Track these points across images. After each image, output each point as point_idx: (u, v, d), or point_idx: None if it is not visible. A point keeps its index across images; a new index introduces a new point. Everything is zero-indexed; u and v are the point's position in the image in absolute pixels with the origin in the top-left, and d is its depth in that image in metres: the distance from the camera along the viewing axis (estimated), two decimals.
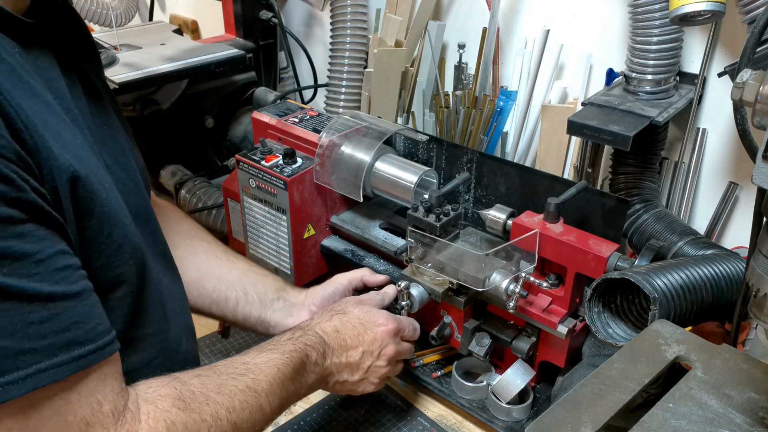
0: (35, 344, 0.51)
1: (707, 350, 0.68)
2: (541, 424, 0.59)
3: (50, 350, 0.52)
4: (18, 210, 0.51)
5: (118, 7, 1.73)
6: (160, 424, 0.61)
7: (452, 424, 1.03)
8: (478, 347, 1.01)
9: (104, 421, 0.57)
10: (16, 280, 0.50)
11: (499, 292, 0.93)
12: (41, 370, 0.51)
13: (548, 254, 0.94)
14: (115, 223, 0.65)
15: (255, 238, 1.26)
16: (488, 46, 1.30)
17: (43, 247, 0.53)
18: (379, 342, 0.90)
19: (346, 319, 0.90)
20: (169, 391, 0.64)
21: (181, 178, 1.48)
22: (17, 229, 0.51)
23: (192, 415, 0.63)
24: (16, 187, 0.51)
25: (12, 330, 0.50)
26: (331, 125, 1.18)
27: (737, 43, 1.07)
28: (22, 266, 0.51)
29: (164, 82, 1.38)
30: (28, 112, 0.55)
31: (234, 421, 0.67)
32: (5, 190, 0.50)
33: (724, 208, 1.15)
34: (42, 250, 0.53)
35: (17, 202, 0.51)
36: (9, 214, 0.50)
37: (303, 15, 1.74)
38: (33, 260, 0.52)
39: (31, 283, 0.51)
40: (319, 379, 0.84)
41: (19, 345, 0.50)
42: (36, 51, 0.63)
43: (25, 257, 0.51)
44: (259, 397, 0.71)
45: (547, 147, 1.27)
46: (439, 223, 1.01)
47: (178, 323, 0.79)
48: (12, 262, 0.50)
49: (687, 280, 0.83)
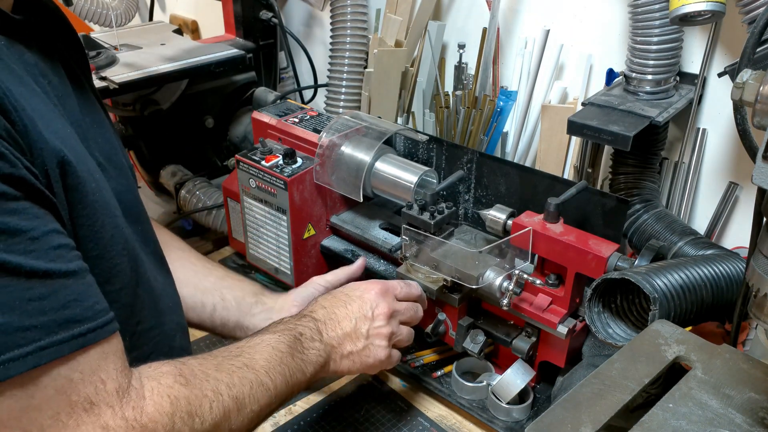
0: (35, 321, 0.50)
1: (707, 350, 0.68)
2: (541, 424, 0.59)
3: (50, 327, 0.51)
4: (11, 187, 0.51)
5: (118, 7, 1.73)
6: (164, 399, 0.61)
7: (452, 424, 1.03)
8: (472, 344, 1.02)
9: (108, 399, 0.57)
10: (13, 256, 0.50)
11: (493, 289, 0.93)
12: (41, 348, 0.51)
13: (548, 254, 0.94)
14: (106, 214, 0.64)
15: (255, 239, 1.26)
16: (488, 46, 1.30)
17: (38, 224, 0.52)
18: (368, 304, 0.88)
19: (330, 296, 0.89)
20: (171, 369, 0.65)
21: (181, 178, 1.48)
22: (11, 205, 0.51)
23: (194, 390, 0.64)
24: (9, 163, 0.51)
25: (11, 306, 0.49)
26: (331, 125, 1.19)
27: (737, 43, 1.07)
28: (18, 243, 0.50)
29: (164, 82, 1.38)
30: (17, 96, 0.54)
31: (235, 395, 0.68)
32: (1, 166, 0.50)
33: (724, 208, 1.15)
34: (37, 227, 0.52)
35: (10, 179, 0.51)
36: (3, 190, 0.50)
37: (303, 15, 1.74)
38: (28, 237, 0.51)
39: (28, 260, 0.51)
40: (323, 355, 0.82)
41: (19, 321, 0.50)
42: (22, 47, 0.63)
43: (21, 233, 0.51)
44: (258, 372, 0.71)
45: (547, 147, 1.27)
46: (434, 220, 1.01)
47: (171, 320, 0.80)
48: (8, 237, 0.50)
49: (687, 280, 0.83)
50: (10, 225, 0.50)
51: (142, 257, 0.73)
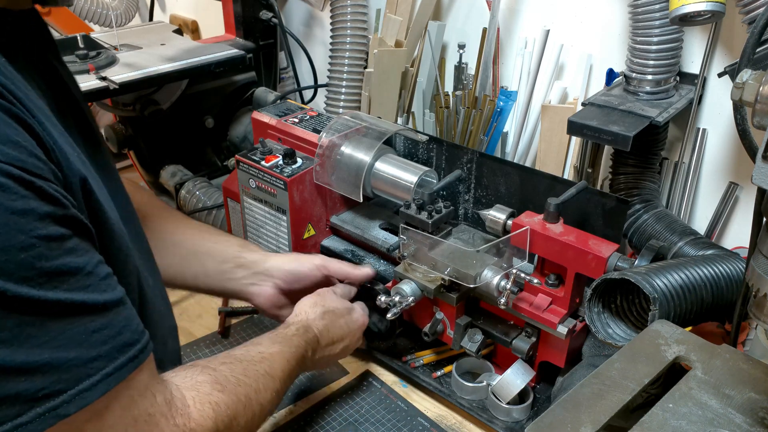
0: (99, 351, 0.55)
1: (707, 350, 0.68)
2: (541, 424, 0.59)
3: (111, 355, 0.56)
4: (65, 227, 0.54)
5: (118, 7, 1.73)
6: (206, 406, 0.67)
7: (452, 424, 1.03)
8: (470, 343, 1.02)
9: (161, 410, 0.62)
10: (76, 294, 0.53)
11: (491, 288, 0.93)
12: (108, 375, 0.55)
13: (548, 254, 0.94)
14: (116, 231, 0.66)
15: (255, 239, 1.26)
16: (488, 46, 1.30)
17: (89, 259, 0.56)
18: (357, 337, 1.01)
19: (334, 318, 0.98)
20: (206, 378, 0.70)
21: (181, 178, 1.48)
22: (68, 245, 0.54)
23: (230, 396, 0.70)
24: (61, 205, 0.54)
25: (79, 341, 0.54)
26: (331, 125, 1.18)
27: (737, 43, 1.07)
28: (78, 280, 0.54)
29: (164, 82, 1.38)
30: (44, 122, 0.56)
31: (261, 402, 0.75)
32: (53, 210, 0.53)
33: (724, 208, 1.15)
34: (89, 262, 0.56)
35: (64, 220, 0.54)
36: (61, 233, 0.53)
37: (303, 15, 1.74)
38: (84, 273, 0.55)
39: (88, 295, 0.55)
40: (305, 370, 0.92)
41: (87, 353, 0.54)
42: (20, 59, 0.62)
43: (79, 271, 0.54)
44: (276, 381, 0.79)
45: (547, 147, 1.27)
46: (431, 220, 1.01)
47: (163, 325, 0.80)
48: (69, 277, 0.53)
49: (687, 281, 0.83)
50: (71, 265, 0.54)
51: (140, 265, 0.73)
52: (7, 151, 0.50)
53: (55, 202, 0.53)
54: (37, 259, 0.51)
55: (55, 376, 0.52)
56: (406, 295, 0.99)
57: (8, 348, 0.49)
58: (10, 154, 0.50)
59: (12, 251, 0.49)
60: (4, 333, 0.49)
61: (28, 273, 0.50)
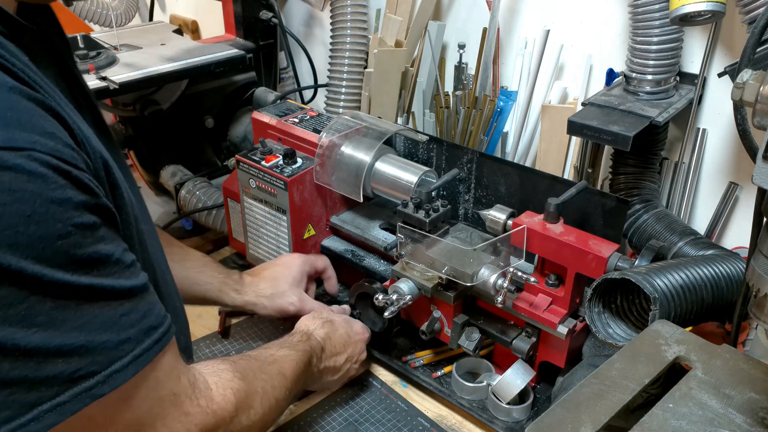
0: (128, 334, 0.58)
1: (707, 350, 0.68)
2: (541, 425, 0.59)
3: (138, 337, 0.58)
4: (96, 215, 0.56)
5: (118, 7, 1.73)
6: (228, 391, 0.71)
7: (452, 425, 1.03)
8: (467, 342, 1.02)
9: (185, 391, 0.66)
10: (106, 280, 0.56)
11: (488, 287, 0.94)
12: (137, 356, 0.58)
13: (548, 254, 0.94)
14: (135, 216, 0.68)
15: (255, 239, 1.26)
16: (488, 46, 1.30)
17: (116, 246, 0.58)
18: (359, 349, 1.04)
19: (333, 328, 1.02)
20: (227, 366, 0.75)
21: (181, 178, 1.48)
22: (99, 233, 0.56)
23: (249, 386, 0.75)
24: (94, 194, 0.56)
25: (110, 324, 0.56)
26: (331, 125, 1.18)
27: (737, 43, 1.07)
28: (107, 267, 0.56)
29: (164, 82, 1.38)
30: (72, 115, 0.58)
31: (276, 396, 0.80)
32: (87, 199, 0.55)
33: (724, 208, 1.15)
34: (116, 250, 0.58)
35: (95, 208, 0.56)
36: (93, 221, 0.55)
37: (303, 15, 1.74)
38: (113, 260, 0.57)
39: (116, 281, 0.57)
40: (311, 379, 0.95)
41: (117, 336, 0.57)
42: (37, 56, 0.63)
43: (108, 258, 0.56)
44: (288, 381, 0.84)
45: (547, 147, 1.27)
46: (429, 219, 1.01)
47: (179, 320, 0.81)
48: (100, 264, 0.56)
49: (687, 281, 0.83)
50: (102, 252, 0.56)
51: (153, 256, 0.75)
52: (45, 142, 0.52)
53: (89, 191, 0.55)
54: (72, 246, 0.53)
55: (90, 358, 0.54)
56: (404, 294, 0.99)
57: (46, 331, 0.52)
58: (48, 145, 0.52)
59: (50, 239, 0.51)
60: (41, 317, 0.52)
61: (65, 260, 0.52)
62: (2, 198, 0.49)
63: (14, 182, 0.50)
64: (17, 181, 0.50)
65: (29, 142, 0.51)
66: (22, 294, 0.50)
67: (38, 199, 0.51)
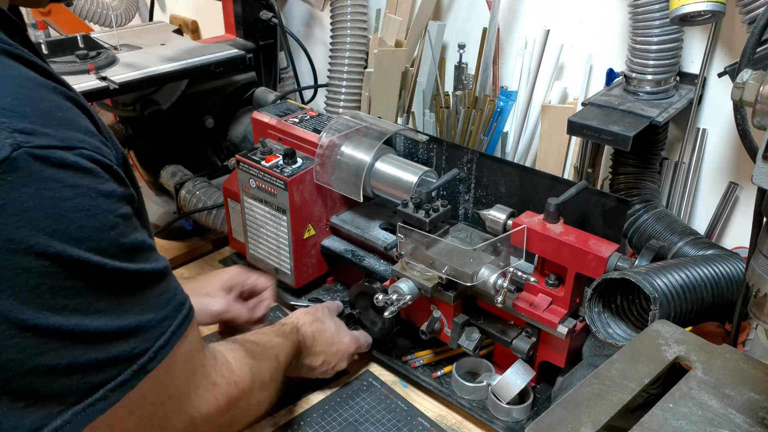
0: (166, 311, 0.62)
1: (707, 350, 0.68)
2: (542, 425, 0.59)
3: (173, 314, 0.63)
4: (129, 206, 0.60)
5: (118, 7, 1.73)
6: (244, 365, 0.78)
7: (452, 424, 1.03)
8: (467, 342, 1.02)
9: (211, 362, 0.72)
10: (145, 264, 0.60)
11: (488, 286, 0.93)
12: (174, 331, 0.63)
13: (548, 254, 0.94)
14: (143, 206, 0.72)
15: (255, 239, 1.26)
16: (488, 46, 1.30)
17: (143, 233, 0.61)
18: (338, 357, 1.04)
19: (322, 328, 1.03)
20: (239, 346, 0.81)
21: (181, 178, 1.48)
22: (134, 222, 0.60)
23: (259, 364, 0.81)
24: (125, 185, 0.60)
25: (152, 304, 0.61)
26: (331, 125, 1.18)
27: (737, 43, 1.07)
28: (143, 252, 0.60)
29: (164, 82, 1.38)
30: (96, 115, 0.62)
31: (276, 379, 0.86)
32: (124, 190, 0.59)
33: (724, 208, 1.15)
34: (145, 237, 0.62)
35: (129, 199, 0.60)
36: (130, 211, 0.60)
37: (303, 15, 1.74)
38: (146, 246, 0.61)
39: (151, 264, 0.61)
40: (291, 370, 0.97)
41: (158, 314, 0.61)
42: None
43: (142, 245, 0.60)
44: (281, 366, 0.88)
45: (547, 147, 1.27)
46: (429, 218, 1.01)
47: None
48: (139, 251, 0.60)
49: (687, 281, 0.83)
50: (138, 239, 0.60)
51: None
52: (90, 141, 0.57)
53: (124, 184, 0.60)
54: (121, 236, 0.57)
55: (142, 336, 0.59)
56: (404, 294, 0.99)
57: (108, 316, 0.56)
58: (93, 143, 0.57)
59: (105, 230, 0.56)
60: (102, 302, 0.56)
61: (116, 249, 0.57)
62: (65, 194, 0.53)
63: (73, 178, 0.54)
64: (75, 177, 0.54)
65: (79, 140, 0.55)
66: (87, 283, 0.54)
67: (93, 192, 0.55)
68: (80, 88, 1.20)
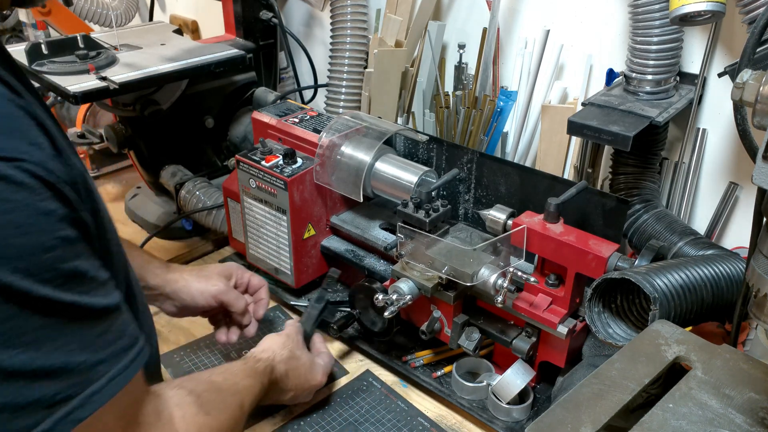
0: (103, 354, 0.55)
1: (707, 350, 0.68)
2: (541, 425, 0.59)
3: (112, 359, 0.56)
4: (75, 229, 0.54)
5: (118, 7, 1.73)
6: (192, 427, 0.69)
7: (452, 424, 1.03)
8: (467, 341, 1.02)
9: (150, 420, 0.63)
10: (84, 298, 0.54)
11: (488, 286, 0.94)
12: (111, 378, 0.56)
13: (548, 254, 0.94)
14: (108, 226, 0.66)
15: (255, 239, 1.26)
16: (488, 46, 1.30)
17: (92, 263, 0.56)
18: (307, 392, 1.01)
19: (297, 365, 0.99)
20: (193, 399, 0.72)
21: (181, 178, 1.48)
22: (77, 248, 0.54)
23: (213, 421, 0.73)
24: (74, 208, 0.54)
25: (87, 344, 0.54)
26: (331, 125, 1.19)
27: (737, 43, 1.07)
28: (84, 284, 0.54)
29: (164, 82, 1.38)
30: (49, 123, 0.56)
31: (232, 428, 0.78)
32: (69, 212, 0.53)
33: (724, 208, 1.15)
34: (92, 266, 0.56)
35: (75, 222, 0.54)
36: (74, 235, 0.54)
37: (303, 15, 1.74)
38: (89, 277, 0.55)
39: (93, 299, 0.55)
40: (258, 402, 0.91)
41: (93, 357, 0.54)
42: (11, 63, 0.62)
43: (85, 275, 0.54)
44: (244, 415, 0.82)
45: (547, 147, 1.27)
46: (429, 219, 1.01)
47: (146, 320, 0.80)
48: (79, 281, 0.54)
49: (687, 281, 0.83)
50: (80, 268, 0.54)
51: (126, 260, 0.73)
52: (33, 152, 0.51)
53: (70, 205, 0.54)
54: (57, 260, 0.51)
55: (68, 380, 0.52)
56: (404, 294, 0.99)
57: (28, 352, 0.50)
58: (36, 156, 0.51)
59: (38, 252, 0.50)
60: (26, 336, 0.50)
61: (50, 274, 0.51)
62: None
63: (5, 192, 0.48)
64: (7, 192, 0.48)
65: (20, 152, 0.50)
66: (10, 310, 0.48)
67: (27, 210, 0.49)
68: (80, 88, 1.20)
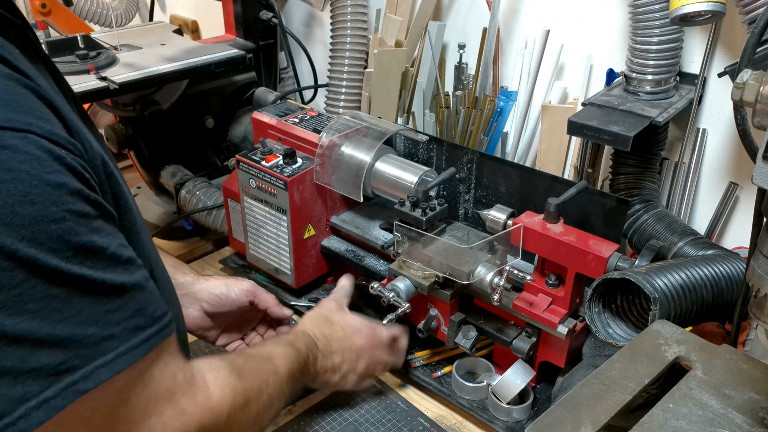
0: (113, 331, 0.56)
1: (707, 350, 0.68)
2: (541, 425, 0.59)
3: (123, 336, 0.57)
4: (91, 206, 0.55)
5: (118, 7, 1.73)
6: (226, 388, 0.71)
7: (452, 424, 1.03)
8: (464, 340, 1.02)
9: (183, 388, 0.65)
10: (98, 273, 0.55)
11: (484, 285, 0.94)
12: (120, 354, 0.56)
13: (548, 254, 0.94)
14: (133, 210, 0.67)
15: (255, 239, 1.26)
16: (488, 46, 1.30)
17: (111, 241, 0.57)
18: (356, 353, 0.99)
19: (331, 325, 0.98)
20: (225, 364, 0.74)
21: (181, 178, 1.48)
22: (93, 224, 0.55)
23: (246, 384, 0.74)
24: (89, 185, 0.56)
25: (96, 319, 0.55)
26: (332, 125, 1.19)
27: (737, 43, 1.07)
28: (100, 260, 0.55)
29: (164, 82, 1.38)
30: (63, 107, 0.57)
31: (270, 394, 0.79)
32: (82, 187, 0.54)
33: (724, 208, 1.15)
34: (111, 244, 0.57)
35: (90, 199, 0.55)
36: (88, 211, 0.55)
37: (303, 15, 1.74)
38: (107, 254, 0.56)
39: (108, 275, 0.56)
40: (310, 379, 0.93)
41: (102, 332, 0.55)
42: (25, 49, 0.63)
43: (102, 251, 0.55)
44: (281, 379, 0.82)
45: (547, 147, 1.27)
46: (425, 217, 1.02)
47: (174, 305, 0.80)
48: (93, 256, 0.54)
49: (687, 281, 0.83)
50: (96, 243, 0.55)
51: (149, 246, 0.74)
52: (41, 125, 0.52)
53: (84, 181, 0.55)
54: (66, 232, 0.52)
55: (74, 351, 0.53)
56: (401, 292, 0.99)
57: (34, 320, 0.51)
58: (45, 128, 0.52)
59: (44, 222, 0.51)
60: (31, 304, 0.50)
61: (58, 245, 0.51)
62: None
63: (11, 161, 0.49)
64: (14, 161, 0.49)
65: (26, 123, 0.51)
66: (15, 277, 0.49)
67: (34, 180, 0.50)
68: (80, 88, 1.20)
